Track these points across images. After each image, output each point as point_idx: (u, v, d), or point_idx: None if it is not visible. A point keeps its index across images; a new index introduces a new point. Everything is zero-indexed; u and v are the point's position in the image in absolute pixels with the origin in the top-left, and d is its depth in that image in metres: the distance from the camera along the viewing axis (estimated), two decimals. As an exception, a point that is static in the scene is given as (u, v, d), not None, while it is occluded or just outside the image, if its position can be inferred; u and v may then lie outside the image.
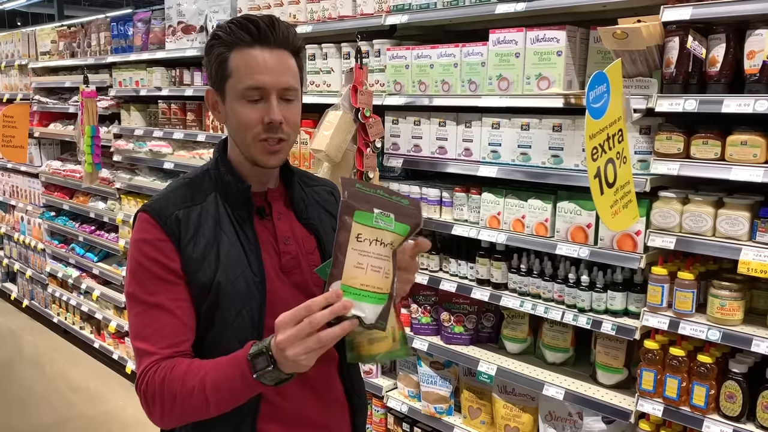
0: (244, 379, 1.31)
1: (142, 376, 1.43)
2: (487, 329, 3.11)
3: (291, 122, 1.51)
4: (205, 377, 1.35)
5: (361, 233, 1.28)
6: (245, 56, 1.45)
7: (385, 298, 1.29)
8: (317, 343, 1.22)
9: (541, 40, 2.55)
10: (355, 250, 1.27)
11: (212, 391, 1.34)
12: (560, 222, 2.59)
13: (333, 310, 1.22)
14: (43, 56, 5.94)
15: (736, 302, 2.23)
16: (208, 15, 4.05)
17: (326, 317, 1.22)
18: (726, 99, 2.11)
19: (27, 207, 6.43)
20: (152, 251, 1.47)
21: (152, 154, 4.59)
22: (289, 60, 1.50)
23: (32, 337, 6.20)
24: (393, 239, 1.32)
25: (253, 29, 1.45)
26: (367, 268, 1.27)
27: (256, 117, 1.47)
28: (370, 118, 2.96)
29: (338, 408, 1.67)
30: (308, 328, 1.22)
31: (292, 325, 1.24)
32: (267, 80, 1.45)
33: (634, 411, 2.44)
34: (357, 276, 1.26)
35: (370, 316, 1.27)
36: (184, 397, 1.36)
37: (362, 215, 1.29)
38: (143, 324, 1.46)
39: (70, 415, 4.65)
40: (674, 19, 2.17)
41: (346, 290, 1.25)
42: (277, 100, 1.47)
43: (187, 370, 1.38)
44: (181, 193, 1.56)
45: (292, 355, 1.23)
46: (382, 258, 1.29)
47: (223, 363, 1.36)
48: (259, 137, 1.48)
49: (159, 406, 1.40)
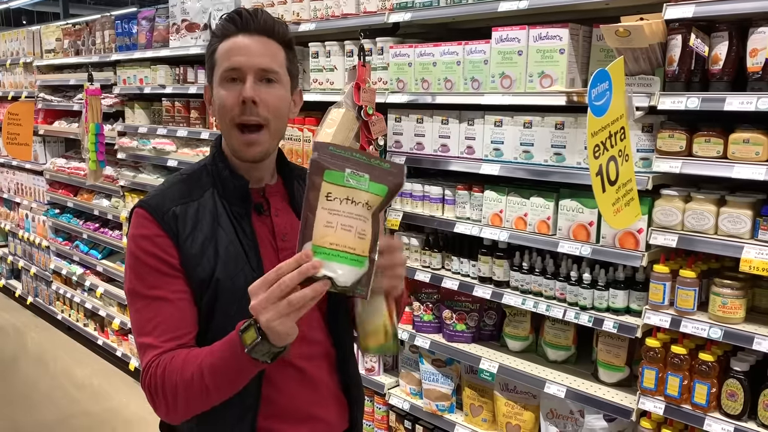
0: (238, 356, 1.29)
1: (145, 371, 1.43)
2: (489, 327, 3.11)
3: (269, 105, 1.49)
4: (202, 363, 1.35)
5: (330, 192, 1.25)
6: (228, 44, 1.50)
7: (361, 262, 1.25)
8: (288, 307, 1.20)
9: (544, 38, 2.55)
10: (325, 209, 1.24)
11: (210, 375, 1.34)
12: (562, 220, 2.59)
13: (301, 271, 1.20)
14: (48, 54, 5.96)
15: (738, 300, 2.23)
16: (212, 13, 4.06)
17: (295, 279, 1.20)
18: (728, 97, 2.10)
19: (31, 204, 6.46)
20: (150, 246, 1.47)
21: (156, 151, 4.60)
22: (272, 46, 1.51)
23: (36, 334, 6.23)
24: (368, 199, 1.28)
25: (237, 18, 1.50)
26: (336, 227, 1.24)
27: (233, 98, 1.48)
28: (373, 115, 2.96)
29: (335, 402, 1.67)
30: (278, 291, 1.20)
31: (264, 290, 1.22)
32: (242, 60, 1.47)
33: (635, 409, 2.44)
34: (327, 235, 1.23)
35: (343, 278, 1.23)
36: (185, 386, 1.36)
37: (332, 174, 1.25)
38: (145, 319, 1.46)
39: (74, 411, 4.67)
40: (677, 16, 2.17)
41: (317, 250, 1.22)
42: (254, 81, 1.47)
43: (185, 359, 1.38)
44: (178, 188, 1.56)
45: (265, 321, 1.21)
46: (354, 217, 1.25)
47: (217, 345, 1.35)
48: (235, 120, 1.49)
49: (163, 399, 1.39)
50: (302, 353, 1.57)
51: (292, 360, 1.55)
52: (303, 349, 1.58)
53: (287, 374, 1.56)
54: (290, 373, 1.56)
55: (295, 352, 1.55)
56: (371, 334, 1.45)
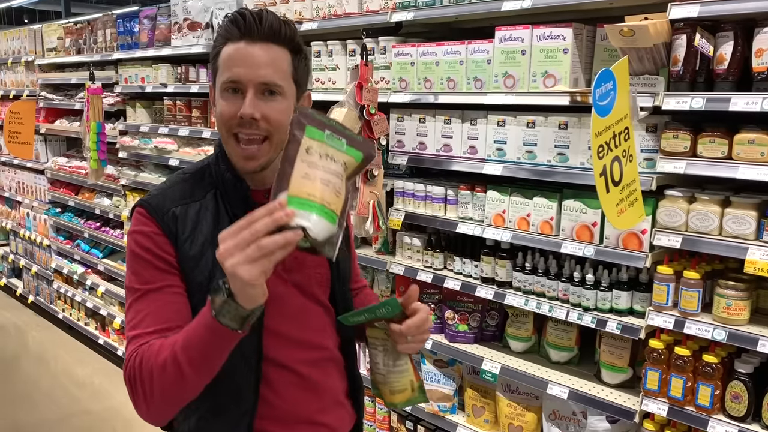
0: (207, 324, 1.24)
1: (125, 364, 1.37)
2: (491, 327, 3.10)
3: (270, 120, 1.42)
4: (175, 342, 1.30)
5: (311, 147, 1.23)
6: (230, 50, 1.42)
7: (334, 218, 1.22)
8: (257, 250, 1.13)
9: (548, 38, 2.53)
10: (304, 161, 1.22)
11: (182, 351, 1.28)
12: (565, 220, 2.58)
13: (275, 218, 1.14)
14: (50, 53, 5.96)
15: (743, 302, 2.21)
16: (214, 12, 4.05)
17: (268, 225, 1.14)
18: (734, 97, 2.09)
19: (33, 203, 6.45)
20: (147, 242, 1.45)
21: (157, 150, 4.59)
22: (276, 54, 1.43)
23: (37, 333, 6.22)
24: (345, 160, 1.28)
25: (241, 21, 1.41)
26: (315, 179, 1.21)
27: (231, 111, 1.42)
28: (375, 115, 2.95)
29: (337, 408, 1.65)
30: (248, 235, 1.14)
31: (233, 237, 1.16)
32: (242, 73, 1.40)
33: (638, 410, 2.43)
34: (304, 185, 1.20)
35: (317, 228, 1.18)
36: (159, 370, 1.30)
37: (314, 131, 1.25)
38: (136, 311, 1.42)
39: (75, 410, 4.66)
40: (682, 16, 2.16)
41: (292, 200, 1.18)
42: (255, 95, 1.41)
43: (162, 344, 1.33)
44: (179, 188, 1.53)
45: (230, 266, 1.14)
46: (332, 173, 1.24)
47: (191, 322, 1.30)
48: (232, 130, 1.43)
49: (141, 390, 1.33)
50: (305, 359, 1.56)
51: (291, 365, 1.54)
52: (306, 355, 1.57)
53: (287, 379, 1.54)
54: (290, 378, 1.54)
55: (296, 357, 1.55)
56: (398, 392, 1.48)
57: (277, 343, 1.51)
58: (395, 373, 1.49)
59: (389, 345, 1.51)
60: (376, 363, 1.54)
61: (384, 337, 1.51)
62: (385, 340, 1.51)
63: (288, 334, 1.54)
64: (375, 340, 1.54)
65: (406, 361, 1.50)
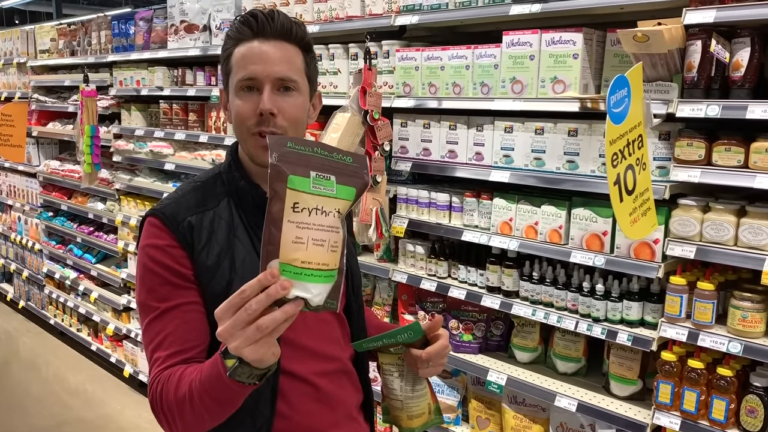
0: (222, 380, 1.20)
1: (149, 389, 1.38)
2: (496, 337, 3.04)
3: (287, 115, 1.43)
4: (192, 383, 1.27)
5: (297, 203, 1.10)
6: (243, 49, 1.43)
7: (333, 275, 1.14)
8: (258, 332, 1.09)
9: (557, 43, 2.48)
10: (292, 222, 1.09)
11: (199, 397, 1.25)
12: (575, 229, 2.53)
13: (269, 294, 1.08)
14: (42, 54, 5.87)
15: (759, 314, 2.17)
16: (212, 14, 3.98)
17: (263, 303, 1.08)
18: (751, 104, 2.04)
19: (24, 207, 6.35)
20: (162, 257, 1.41)
21: (153, 154, 4.52)
22: (289, 51, 1.44)
23: (28, 339, 6.12)
24: (338, 206, 1.14)
25: (253, 22, 1.43)
26: (308, 242, 1.09)
27: (249, 109, 1.42)
28: (379, 120, 2.89)
29: (350, 422, 1.61)
30: (245, 315, 1.09)
31: (230, 315, 1.11)
32: (258, 69, 1.41)
33: (650, 424, 2.37)
34: (297, 252, 1.09)
35: (318, 297, 1.11)
36: (179, 406, 1.30)
37: (297, 180, 1.10)
38: (155, 332, 1.41)
39: (67, 418, 4.57)
40: (697, 21, 2.11)
41: (286, 269, 1.08)
42: (272, 91, 1.41)
43: (180, 376, 1.31)
44: (193, 197, 1.50)
45: (234, 348, 1.11)
46: (325, 229, 1.12)
47: (206, 365, 1.26)
48: (252, 130, 1.43)
49: (163, 417, 1.34)
50: (319, 370, 1.52)
51: (307, 376, 1.50)
52: (320, 366, 1.52)
53: (302, 391, 1.50)
54: (305, 390, 1.50)
55: (311, 369, 1.50)
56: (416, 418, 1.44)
57: (293, 353, 1.47)
58: (414, 398, 1.44)
59: (405, 370, 1.45)
60: (393, 389, 1.48)
61: (398, 362, 1.46)
62: (401, 366, 1.46)
63: (304, 345, 1.50)
64: (390, 366, 1.48)
65: (424, 385, 1.45)
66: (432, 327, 1.44)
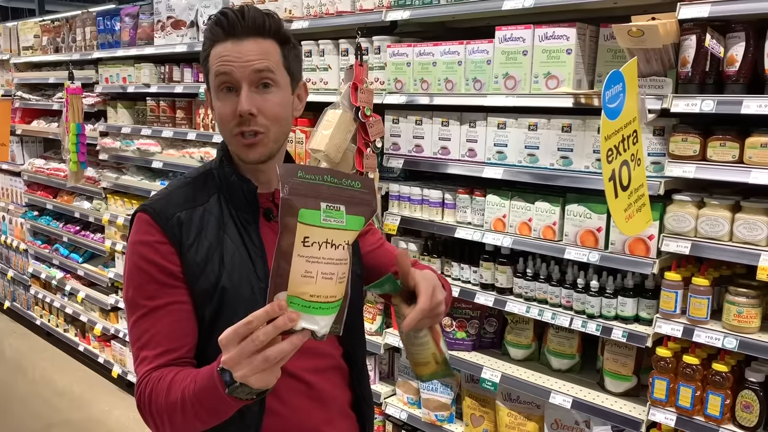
0: (219, 395, 1.18)
1: (137, 388, 1.37)
2: (489, 335, 3.03)
3: (268, 114, 1.41)
4: (185, 391, 1.25)
5: (308, 236, 1.09)
6: (218, 50, 1.42)
7: (339, 305, 1.15)
8: (265, 363, 1.09)
9: (550, 38, 2.47)
10: (302, 256, 1.09)
11: (191, 406, 1.24)
12: (569, 225, 2.51)
13: (277, 326, 1.08)
14: (26, 51, 5.78)
15: (754, 309, 2.16)
16: (199, 10, 3.93)
17: (270, 334, 1.08)
18: (746, 100, 2.04)
19: (9, 206, 6.26)
20: (151, 253, 1.40)
21: (140, 152, 4.46)
22: (264, 45, 1.42)
23: (14, 340, 6.04)
24: (347, 238, 1.14)
25: (224, 21, 1.41)
26: (317, 276, 1.10)
27: (229, 111, 1.41)
28: (371, 117, 2.86)
29: (344, 419, 1.59)
30: (252, 346, 1.09)
31: (236, 344, 1.11)
32: (233, 68, 1.39)
33: (645, 420, 2.37)
34: (306, 286, 1.09)
35: (324, 328, 1.13)
36: (169, 411, 1.28)
37: (308, 214, 1.10)
38: (142, 330, 1.40)
39: (55, 420, 4.51)
40: (691, 16, 2.10)
41: (294, 301, 1.09)
42: (249, 90, 1.40)
43: (171, 381, 1.30)
44: (182, 192, 1.49)
45: (241, 376, 1.11)
46: (334, 263, 1.12)
47: (201, 374, 1.24)
48: (233, 132, 1.42)
49: (150, 419, 1.33)
50: (310, 367, 1.50)
51: (298, 373, 1.47)
52: (311, 363, 1.50)
53: (294, 388, 1.48)
54: (297, 387, 1.48)
55: (302, 365, 1.48)
56: (422, 365, 1.41)
57: None
58: (416, 345, 1.40)
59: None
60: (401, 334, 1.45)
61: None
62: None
63: None
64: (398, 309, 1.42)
65: (425, 334, 1.39)
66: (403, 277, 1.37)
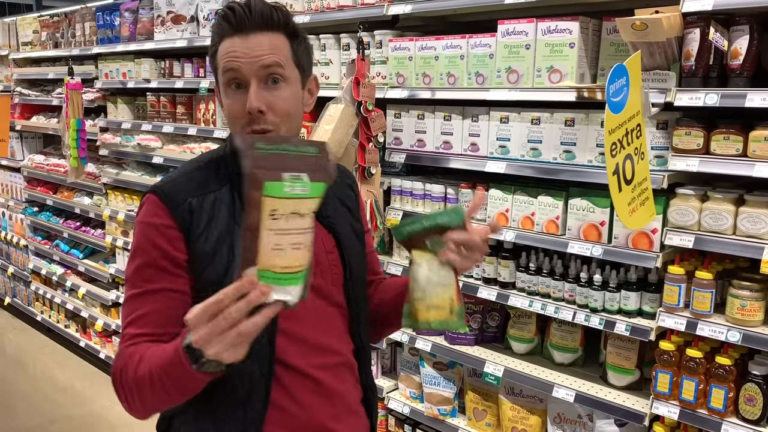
0: (187, 371, 1.18)
1: (114, 361, 1.37)
2: (492, 329, 3.03)
3: (278, 110, 1.39)
4: (152, 365, 1.25)
5: (275, 209, 1.09)
6: (226, 45, 1.39)
7: (307, 272, 1.15)
8: (238, 338, 1.09)
9: (553, 32, 2.46)
10: (271, 230, 1.09)
11: (159, 381, 1.24)
12: (572, 219, 2.51)
13: (249, 301, 1.08)
14: (25, 47, 5.76)
15: (757, 303, 2.17)
16: (199, 4, 3.92)
17: (243, 310, 1.08)
18: (750, 93, 2.04)
19: (8, 202, 6.25)
20: (157, 237, 1.38)
21: (140, 148, 4.45)
22: (273, 40, 1.39)
23: (14, 336, 6.04)
24: (312, 206, 1.14)
25: (231, 16, 1.37)
26: (287, 248, 1.10)
27: (239, 107, 1.39)
28: (373, 111, 2.86)
29: (350, 416, 1.58)
30: (224, 323, 1.09)
31: (206, 322, 1.10)
32: (242, 64, 1.37)
33: (648, 413, 2.37)
34: (276, 259, 1.09)
35: (296, 297, 1.13)
36: (138, 385, 1.28)
37: (273, 186, 1.09)
38: (132, 308, 1.40)
39: (56, 416, 4.51)
40: (695, 9, 2.10)
41: (264, 275, 1.08)
42: (258, 86, 1.37)
43: (143, 355, 1.29)
44: (195, 177, 1.46)
45: (214, 354, 1.11)
46: (302, 232, 1.12)
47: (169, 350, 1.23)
48: (244, 130, 1.40)
49: (122, 392, 1.33)
50: (319, 363, 1.49)
51: (307, 370, 1.47)
52: (321, 360, 1.49)
53: (302, 384, 1.47)
54: (306, 384, 1.47)
55: (311, 362, 1.48)
56: (435, 308, 1.35)
57: (293, 346, 1.45)
58: (436, 285, 1.36)
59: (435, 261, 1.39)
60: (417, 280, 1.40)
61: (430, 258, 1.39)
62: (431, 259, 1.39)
63: (305, 337, 1.47)
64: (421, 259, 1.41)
65: (451, 275, 1.36)
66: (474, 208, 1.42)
